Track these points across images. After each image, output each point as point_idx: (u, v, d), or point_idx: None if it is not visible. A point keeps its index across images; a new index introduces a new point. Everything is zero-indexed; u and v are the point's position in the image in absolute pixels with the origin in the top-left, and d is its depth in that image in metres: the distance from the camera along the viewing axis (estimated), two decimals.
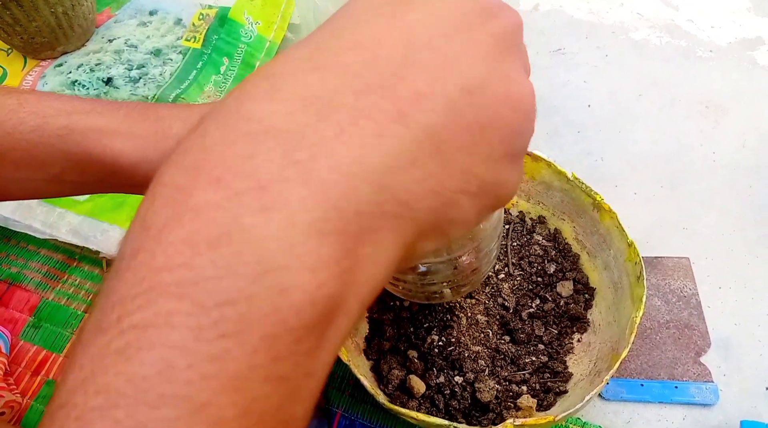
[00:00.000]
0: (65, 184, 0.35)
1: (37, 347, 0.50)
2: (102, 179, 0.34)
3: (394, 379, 0.43)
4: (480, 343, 0.46)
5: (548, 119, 0.64)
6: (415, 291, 0.43)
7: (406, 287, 0.42)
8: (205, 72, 0.67)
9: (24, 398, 0.47)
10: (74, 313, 0.51)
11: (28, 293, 0.53)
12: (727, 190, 0.57)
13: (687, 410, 0.45)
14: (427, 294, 0.43)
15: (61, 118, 0.32)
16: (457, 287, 0.43)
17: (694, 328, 0.49)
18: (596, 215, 0.48)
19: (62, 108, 0.32)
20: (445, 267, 0.40)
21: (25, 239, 0.56)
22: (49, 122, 0.32)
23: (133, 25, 0.72)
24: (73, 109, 0.33)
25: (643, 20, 0.72)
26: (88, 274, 0.54)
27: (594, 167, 0.60)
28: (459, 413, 0.43)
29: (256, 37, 0.69)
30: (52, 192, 0.36)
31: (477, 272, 0.42)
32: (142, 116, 0.33)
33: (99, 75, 0.66)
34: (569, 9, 0.74)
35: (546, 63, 0.69)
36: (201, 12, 0.72)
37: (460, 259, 0.40)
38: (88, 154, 0.32)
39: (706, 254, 0.53)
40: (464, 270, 0.41)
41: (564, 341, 0.46)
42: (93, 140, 0.32)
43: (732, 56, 0.68)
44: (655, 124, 0.63)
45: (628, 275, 0.44)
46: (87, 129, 0.32)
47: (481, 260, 0.41)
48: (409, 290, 0.43)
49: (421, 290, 0.42)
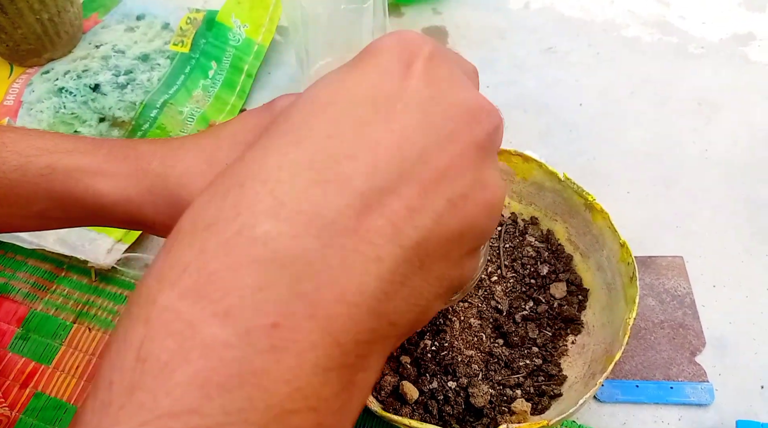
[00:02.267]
0: (48, 220, 0.35)
1: (25, 359, 0.49)
2: (84, 217, 0.34)
3: (386, 385, 0.43)
4: (473, 347, 0.45)
5: (540, 118, 0.63)
6: None
7: None
8: (193, 77, 0.66)
9: (12, 411, 0.46)
10: (63, 324, 0.51)
11: (15, 304, 0.52)
12: (721, 187, 0.57)
13: (683, 410, 0.45)
14: None
15: (44, 157, 0.32)
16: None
17: (688, 327, 0.48)
18: (588, 215, 0.47)
19: (44, 147, 0.33)
20: None
21: (12, 249, 0.55)
22: (32, 161, 0.32)
23: (120, 31, 0.71)
24: (55, 148, 0.33)
25: (634, 17, 0.72)
26: (76, 284, 0.53)
27: (586, 166, 0.59)
28: (453, 419, 0.42)
29: (245, 40, 0.68)
30: (35, 227, 0.36)
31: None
32: (122, 155, 0.33)
33: (86, 82, 0.65)
34: (560, 7, 0.74)
35: (537, 62, 0.69)
36: (188, 16, 0.71)
37: None
38: (71, 193, 0.33)
39: (699, 252, 0.52)
40: None
41: (558, 343, 0.46)
42: (75, 179, 0.32)
43: (724, 52, 0.68)
44: (648, 122, 0.62)
45: (621, 276, 0.44)
46: (69, 169, 0.32)
47: None
48: None
49: None
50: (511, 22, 0.73)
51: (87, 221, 0.35)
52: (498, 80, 0.67)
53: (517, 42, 0.71)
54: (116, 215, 0.33)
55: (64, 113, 0.63)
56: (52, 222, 0.36)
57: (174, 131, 0.62)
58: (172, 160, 0.33)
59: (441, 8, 0.75)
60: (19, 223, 0.35)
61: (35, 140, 0.33)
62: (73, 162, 0.33)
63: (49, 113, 0.63)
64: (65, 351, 0.49)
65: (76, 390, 0.47)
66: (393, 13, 0.74)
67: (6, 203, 0.33)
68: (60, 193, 0.33)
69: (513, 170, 0.50)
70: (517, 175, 0.51)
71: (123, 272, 0.54)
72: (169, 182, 0.32)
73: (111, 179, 0.33)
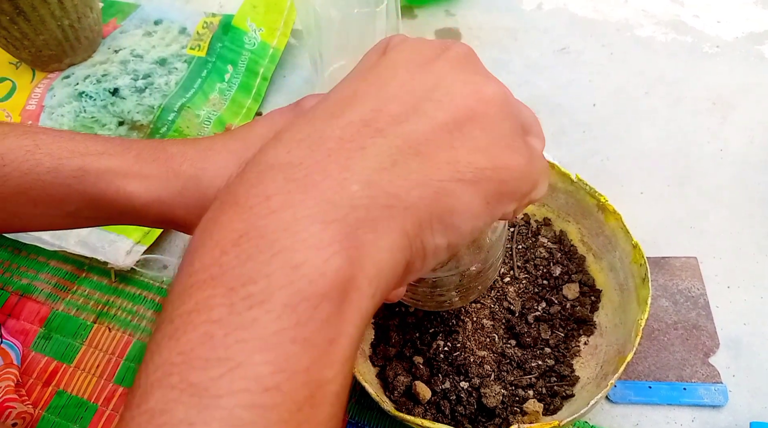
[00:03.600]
0: (80, 219, 0.36)
1: (48, 358, 0.50)
2: (116, 217, 0.35)
3: (399, 385, 0.43)
4: (486, 348, 0.46)
5: (553, 118, 0.63)
6: (425, 301, 0.44)
7: (415, 297, 0.43)
8: (209, 80, 0.67)
9: (36, 409, 0.47)
10: (83, 324, 0.52)
11: (38, 305, 0.53)
12: (736, 187, 0.57)
13: (696, 412, 0.45)
14: (436, 303, 0.44)
15: (76, 159, 0.34)
16: (465, 295, 0.43)
17: (702, 329, 0.48)
18: (601, 216, 0.48)
19: (76, 150, 0.34)
20: (453, 279, 0.41)
21: (34, 250, 0.56)
22: (65, 163, 0.33)
23: (138, 35, 0.72)
24: (86, 150, 0.34)
25: (648, 17, 0.72)
26: (96, 284, 0.54)
27: (600, 167, 0.59)
28: (465, 419, 0.42)
29: (260, 44, 0.69)
30: (67, 226, 0.38)
31: (484, 279, 0.43)
32: (152, 157, 0.34)
33: (105, 86, 0.66)
34: (573, 7, 0.74)
35: (550, 62, 0.69)
36: (205, 20, 0.72)
37: (469, 270, 0.41)
38: (102, 195, 0.34)
39: (714, 253, 0.52)
40: (472, 279, 0.42)
41: (570, 344, 0.46)
42: (107, 181, 0.33)
43: (739, 51, 0.67)
44: (662, 121, 0.62)
45: (634, 277, 0.44)
46: (101, 171, 0.33)
47: (487, 269, 0.42)
48: (419, 300, 0.44)
49: (431, 300, 0.43)
50: (524, 23, 0.73)
51: (118, 220, 0.36)
52: (511, 81, 0.66)
53: (530, 43, 0.71)
54: (148, 215, 0.34)
55: (85, 116, 0.64)
56: (83, 221, 0.37)
57: (191, 134, 0.63)
58: (202, 162, 0.34)
59: (454, 10, 0.75)
60: (51, 222, 0.36)
61: (67, 142, 0.34)
62: (104, 164, 0.33)
63: (70, 117, 0.64)
64: (86, 351, 0.51)
65: (96, 389, 0.48)
66: (406, 15, 0.75)
67: (40, 203, 0.34)
68: (92, 194, 0.34)
69: None
70: None
71: (142, 273, 0.55)
72: (201, 184, 0.33)
73: (142, 181, 0.33)
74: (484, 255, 0.41)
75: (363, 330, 0.21)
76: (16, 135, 0.34)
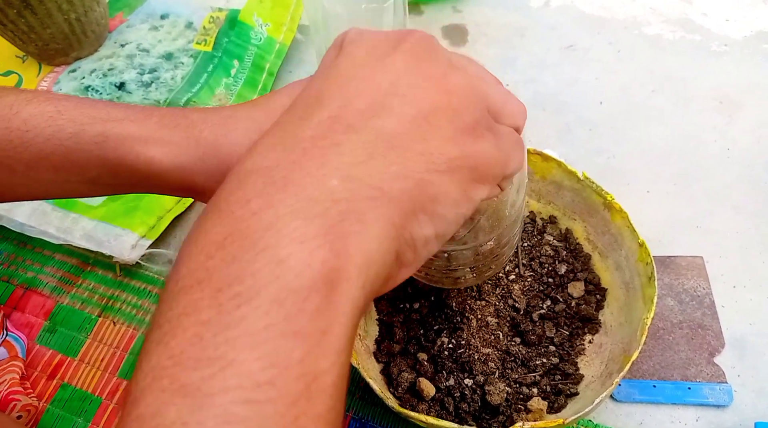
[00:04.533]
0: (100, 186, 0.36)
1: (52, 351, 0.50)
2: (136, 183, 0.35)
3: (403, 382, 0.43)
4: (490, 345, 0.46)
5: (560, 116, 0.63)
6: (440, 277, 0.43)
7: (430, 272, 0.43)
8: (216, 75, 0.67)
9: (40, 401, 0.48)
10: (88, 317, 0.52)
11: (43, 298, 0.54)
12: (742, 186, 0.56)
13: (700, 411, 0.45)
14: (451, 280, 0.44)
15: (97, 125, 0.33)
16: (479, 273, 0.43)
17: (707, 328, 0.48)
18: (607, 214, 0.47)
19: (97, 116, 0.34)
20: (468, 253, 0.41)
21: (40, 244, 0.56)
22: (86, 129, 0.33)
23: (144, 30, 0.72)
24: (107, 116, 0.34)
25: (656, 14, 0.71)
26: (101, 278, 0.55)
27: (606, 165, 0.59)
28: (469, 416, 0.42)
29: (266, 39, 0.69)
30: (87, 193, 0.37)
31: (498, 258, 0.43)
32: (174, 123, 0.34)
33: (112, 80, 0.66)
34: (581, 4, 0.74)
35: (557, 60, 0.68)
36: (211, 15, 0.72)
37: (483, 246, 0.41)
38: (123, 160, 0.33)
39: (720, 252, 0.52)
40: (486, 256, 0.42)
41: (575, 342, 0.46)
42: (127, 147, 0.33)
43: (747, 50, 0.67)
44: (669, 120, 0.62)
45: (640, 276, 0.44)
46: (121, 137, 0.33)
47: (502, 247, 0.42)
48: (433, 276, 0.43)
49: (445, 276, 0.43)
50: (531, 20, 0.73)
51: (138, 187, 0.36)
52: (517, 79, 0.67)
53: (537, 40, 0.71)
54: (167, 182, 0.34)
55: None
56: (104, 188, 0.37)
57: None
58: (223, 129, 0.33)
59: (461, 6, 0.75)
60: (73, 189, 0.36)
61: (88, 108, 0.34)
62: (125, 130, 0.33)
63: None
64: (90, 344, 0.51)
65: (101, 382, 0.49)
66: (413, 11, 0.74)
67: (62, 169, 0.34)
68: (112, 160, 0.33)
69: (532, 169, 0.51)
70: (536, 174, 0.51)
71: (147, 267, 0.55)
72: (221, 151, 0.33)
73: (163, 147, 0.33)
74: (501, 230, 0.40)
75: (357, 320, 0.22)
76: (39, 101, 0.34)
